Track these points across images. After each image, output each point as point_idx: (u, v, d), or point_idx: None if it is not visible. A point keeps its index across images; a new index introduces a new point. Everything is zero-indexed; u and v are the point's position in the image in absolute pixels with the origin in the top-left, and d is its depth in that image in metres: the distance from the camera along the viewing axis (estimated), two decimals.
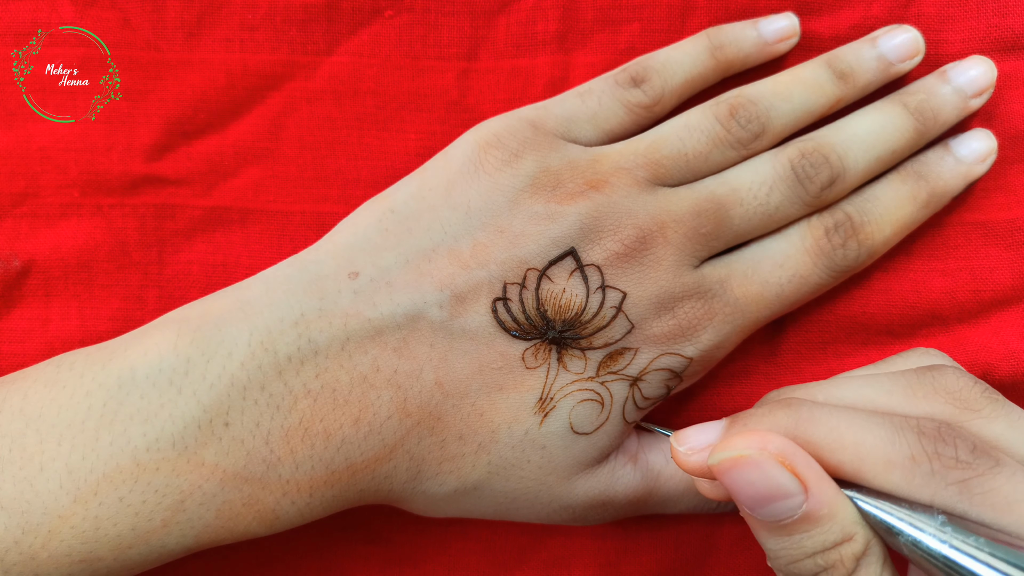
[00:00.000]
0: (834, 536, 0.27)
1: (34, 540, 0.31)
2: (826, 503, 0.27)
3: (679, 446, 0.31)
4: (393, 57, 0.41)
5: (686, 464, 0.31)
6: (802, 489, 0.27)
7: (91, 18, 0.41)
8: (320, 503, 0.34)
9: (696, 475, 0.31)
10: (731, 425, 0.31)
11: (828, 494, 0.27)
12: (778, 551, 0.28)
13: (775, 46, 0.40)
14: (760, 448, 0.27)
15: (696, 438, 0.31)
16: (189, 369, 0.32)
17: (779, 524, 0.28)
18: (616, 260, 0.35)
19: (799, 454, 0.27)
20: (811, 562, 0.27)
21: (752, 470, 0.27)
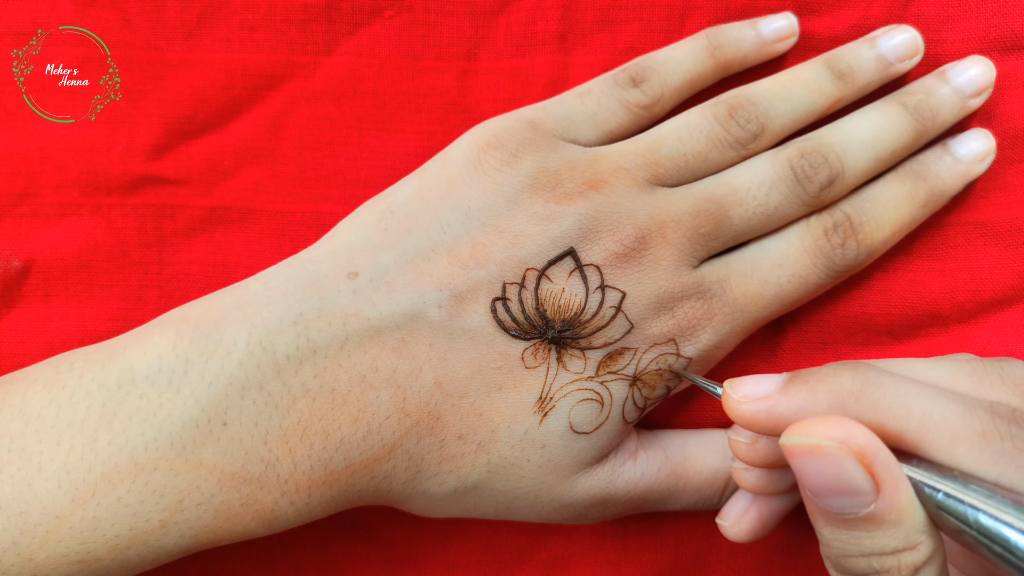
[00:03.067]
0: (895, 542, 0.26)
1: (32, 541, 0.31)
2: (896, 508, 0.26)
3: (733, 392, 0.30)
4: (393, 57, 0.41)
5: (739, 411, 0.30)
6: (874, 489, 0.26)
7: (91, 18, 0.41)
8: (319, 503, 0.34)
9: (746, 425, 0.30)
10: (791, 381, 0.29)
11: (901, 499, 0.26)
12: (832, 541, 0.27)
13: (774, 46, 0.40)
14: (842, 442, 0.26)
15: (752, 387, 0.30)
16: (188, 369, 0.32)
17: (842, 517, 0.27)
18: (615, 260, 0.35)
19: (880, 454, 0.26)
20: (864, 562, 0.27)
21: (827, 462, 0.26)
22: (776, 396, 0.29)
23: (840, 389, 0.28)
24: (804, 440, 0.27)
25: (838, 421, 0.26)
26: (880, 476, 0.26)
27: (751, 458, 0.33)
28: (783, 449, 0.27)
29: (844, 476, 0.26)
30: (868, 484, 0.26)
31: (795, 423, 0.27)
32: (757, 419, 0.30)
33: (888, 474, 0.26)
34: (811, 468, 0.27)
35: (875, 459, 0.26)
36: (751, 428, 0.30)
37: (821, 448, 0.26)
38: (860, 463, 0.26)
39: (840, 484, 0.26)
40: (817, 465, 0.26)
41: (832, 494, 0.26)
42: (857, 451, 0.26)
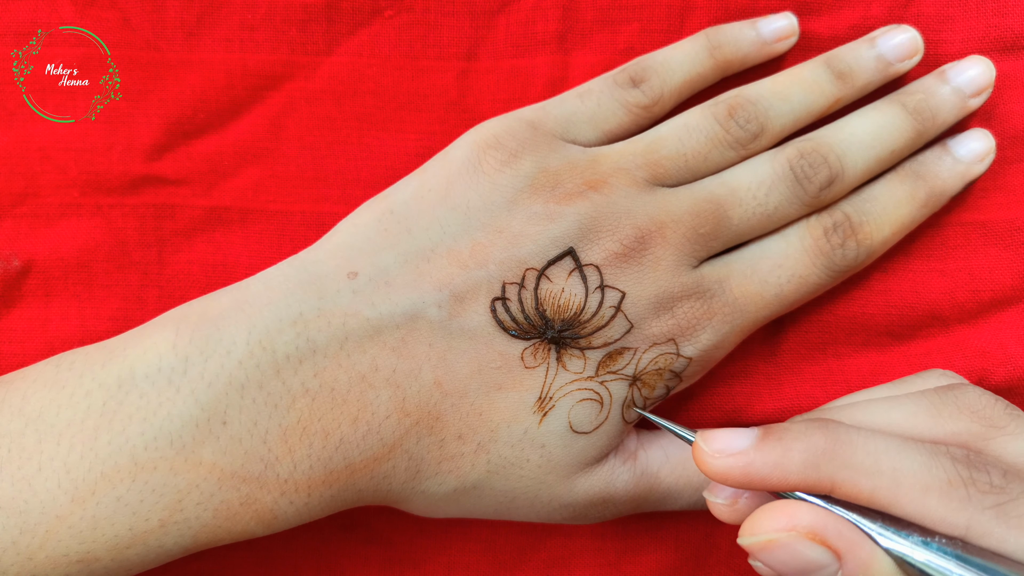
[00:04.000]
0: None
1: (32, 540, 0.31)
2: (862, 567, 0.27)
3: (706, 446, 0.30)
4: (393, 57, 0.41)
5: (714, 466, 0.30)
6: (835, 559, 0.27)
7: (91, 18, 0.41)
8: (319, 503, 0.34)
9: (717, 479, 0.30)
10: (765, 438, 0.30)
11: (863, 558, 0.27)
12: None
13: (774, 46, 0.40)
14: (789, 529, 0.28)
15: (725, 442, 0.30)
16: (187, 368, 0.32)
17: None
18: (615, 260, 0.35)
19: (830, 525, 0.28)
20: None
21: (783, 551, 0.28)
22: (752, 453, 0.30)
23: (813, 448, 0.29)
24: (757, 539, 0.28)
25: (780, 509, 0.28)
26: (836, 545, 0.27)
27: (734, 518, 0.32)
28: (746, 549, 0.29)
29: (802, 558, 0.28)
30: (828, 556, 0.27)
31: (745, 521, 0.29)
32: (732, 475, 0.30)
33: (842, 540, 0.27)
34: (773, 560, 0.28)
35: (825, 532, 0.27)
36: (725, 483, 0.30)
37: (773, 542, 0.28)
38: (813, 541, 0.27)
39: (803, 565, 0.28)
40: (777, 556, 0.28)
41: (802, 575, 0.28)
42: (806, 531, 0.27)
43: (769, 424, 0.31)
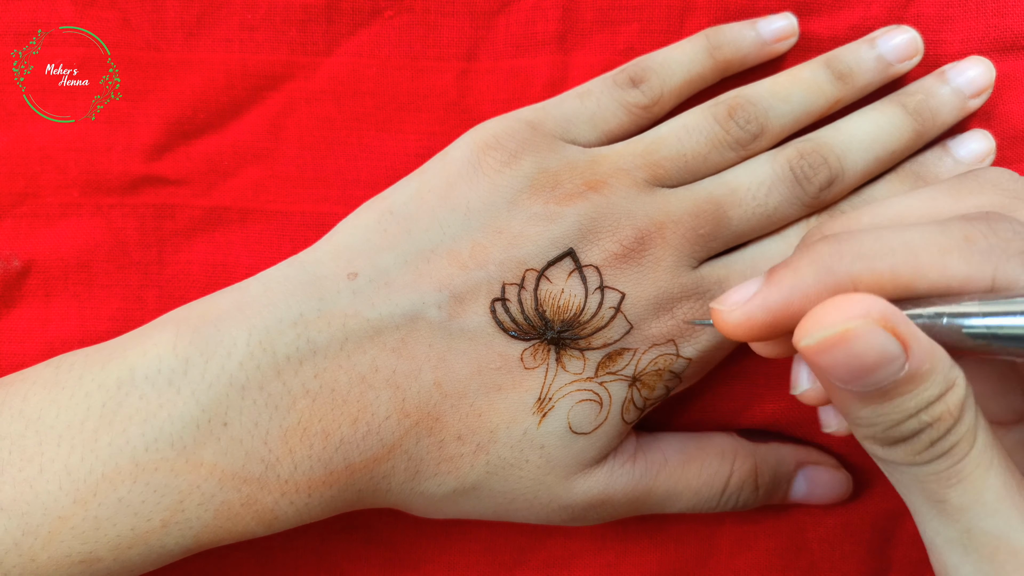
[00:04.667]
0: (938, 389, 0.25)
1: (34, 542, 0.31)
2: (927, 358, 0.25)
3: (721, 305, 0.29)
4: (393, 58, 0.41)
5: (733, 319, 0.28)
6: (903, 350, 0.25)
7: (91, 18, 0.41)
8: (319, 504, 0.34)
9: (744, 332, 0.28)
10: (772, 272, 0.28)
11: (927, 347, 0.25)
12: (875, 418, 0.26)
13: (773, 46, 0.40)
14: (864, 315, 0.24)
15: (736, 294, 0.28)
16: (188, 369, 0.32)
17: (880, 391, 0.25)
18: (614, 261, 0.35)
19: (896, 312, 0.25)
20: (915, 421, 0.26)
21: (858, 343, 0.24)
22: (764, 289, 0.28)
23: (820, 256, 0.27)
24: (826, 332, 0.25)
25: (846, 300, 0.25)
26: (904, 335, 0.25)
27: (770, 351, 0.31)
28: (804, 352, 0.25)
29: (876, 350, 0.25)
30: (898, 348, 0.25)
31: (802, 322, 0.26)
32: (754, 318, 0.28)
33: (909, 329, 0.25)
34: (840, 357, 0.25)
35: (895, 319, 0.25)
36: (750, 333, 0.28)
37: (850, 332, 0.25)
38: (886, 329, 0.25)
39: (874, 360, 0.25)
40: (847, 351, 0.25)
41: (867, 374, 0.25)
42: (880, 320, 0.25)
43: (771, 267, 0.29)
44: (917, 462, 0.26)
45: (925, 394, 0.25)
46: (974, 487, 0.26)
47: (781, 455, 0.40)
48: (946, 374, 0.25)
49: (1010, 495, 0.26)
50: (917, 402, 0.25)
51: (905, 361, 0.25)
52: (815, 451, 0.41)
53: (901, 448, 0.26)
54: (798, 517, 0.42)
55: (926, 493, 0.27)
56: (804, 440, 0.42)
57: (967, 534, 0.26)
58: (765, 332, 0.28)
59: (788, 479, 0.40)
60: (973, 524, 0.26)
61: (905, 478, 0.27)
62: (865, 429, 0.27)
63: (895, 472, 0.28)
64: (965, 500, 0.26)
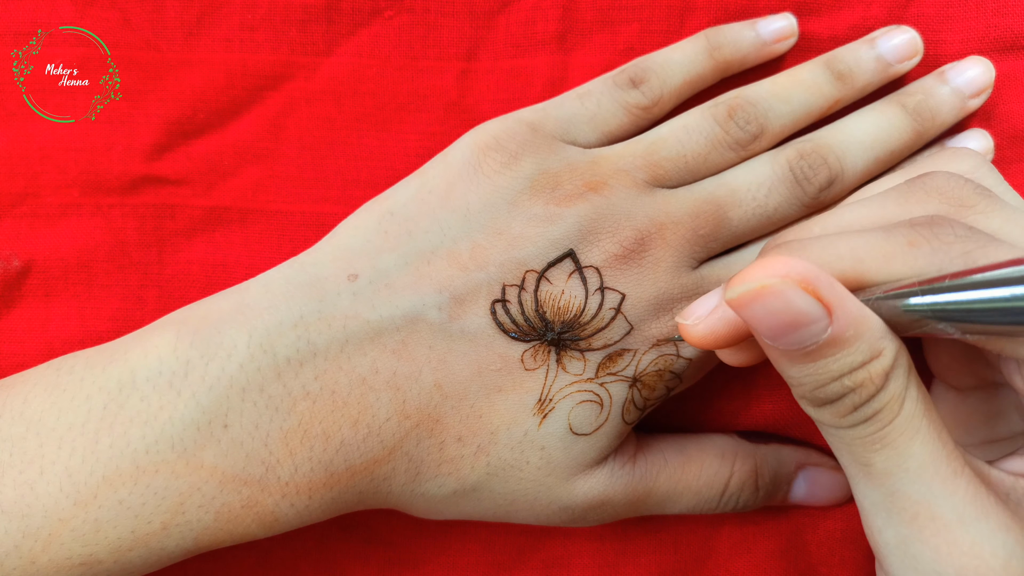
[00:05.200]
0: (861, 356, 0.26)
1: (34, 544, 0.31)
2: (851, 324, 0.26)
3: (684, 320, 0.31)
4: (393, 58, 0.41)
5: (698, 332, 0.30)
6: (826, 313, 0.26)
7: (91, 18, 0.41)
8: (319, 505, 0.34)
9: (711, 341, 0.30)
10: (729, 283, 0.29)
11: (852, 314, 0.26)
12: (802, 378, 0.27)
13: (773, 46, 0.40)
14: (783, 275, 0.26)
15: (698, 308, 0.31)
16: (188, 371, 0.32)
17: (803, 351, 0.27)
18: (615, 262, 0.35)
19: (822, 277, 0.26)
20: (838, 384, 0.27)
21: (774, 299, 0.26)
22: (723, 304, 0.30)
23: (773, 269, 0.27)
24: (747, 286, 0.26)
25: (773, 260, 0.26)
26: (827, 298, 0.26)
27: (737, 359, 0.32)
28: (730, 304, 0.27)
29: (794, 309, 0.26)
30: (819, 309, 0.26)
31: (734, 277, 0.27)
32: (717, 329, 0.30)
33: (834, 293, 0.26)
34: (761, 312, 0.26)
35: (817, 283, 0.26)
36: (715, 343, 0.30)
37: (767, 288, 0.26)
38: (806, 292, 0.26)
39: (793, 318, 0.26)
40: (766, 307, 0.26)
41: (788, 331, 0.26)
42: (800, 280, 0.26)
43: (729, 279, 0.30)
44: (843, 425, 0.28)
45: (848, 359, 0.26)
46: (897, 453, 0.27)
47: (781, 456, 0.40)
48: (872, 343, 0.27)
49: (935, 463, 0.27)
50: (840, 366, 0.27)
51: (828, 324, 0.26)
52: (816, 452, 0.41)
53: (828, 410, 0.28)
54: (797, 519, 0.42)
55: (853, 455, 0.28)
56: (804, 441, 0.42)
57: (890, 498, 0.28)
58: (729, 340, 0.30)
59: (788, 480, 0.40)
60: (896, 488, 0.27)
61: (835, 440, 0.29)
62: (796, 388, 0.28)
63: (827, 433, 0.29)
64: (889, 465, 0.27)
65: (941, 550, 0.27)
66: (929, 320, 0.26)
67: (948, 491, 0.27)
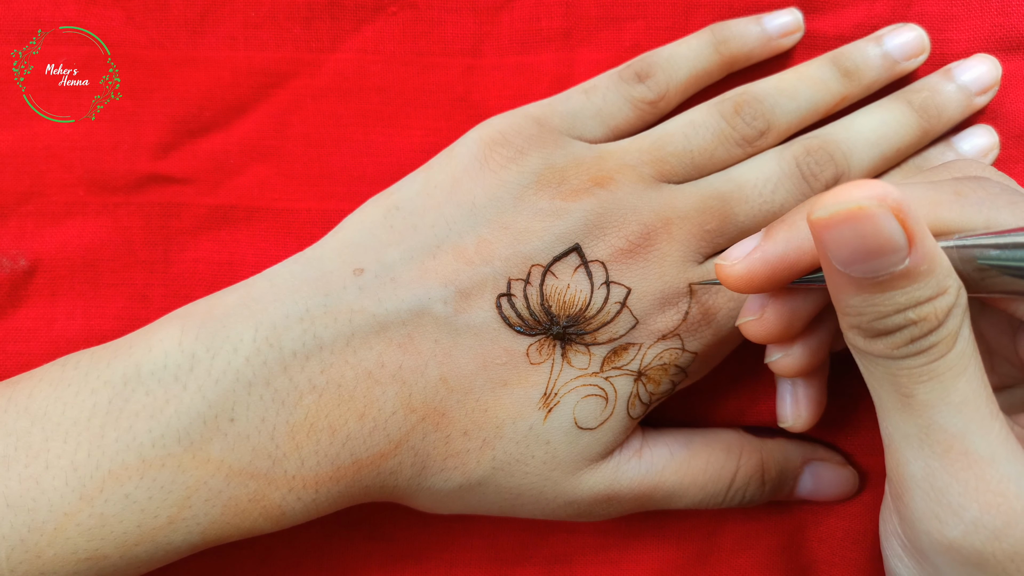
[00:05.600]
0: (929, 291, 0.26)
1: (40, 538, 0.31)
2: (928, 258, 0.26)
3: (724, 261, 0.31)
4: (398, 54, 0.41)
5: (737, 272, 0.31)
6: (908, 243, 0.25)
7: (94, 16, 0.41)
8: (326, 499, 0.34)
9: (747, 284, 0.31)
10: (769, 229, 0.31)
11: (929, 249, 0.26)
12: (864, 308, 0.27)
13: (779, 41, 0.40)
14: (881, 198, 0.25)
15: (737, 250, 0.31)
16: (194, 365, 0.32)
17: (875, 280, 0.26)
18: (620, 256, 0.35)
19: (912, 206, 0.25)
20: (901, 317, 0.27)
21: (867, 222, 0.25)
22: (763, 243, 0.30)
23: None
24: (842, 205, 0.25)
25: (866, 183, 0.26)
26: (912, 229, 0.25)
27: (764, 331, 0.33)
28: (815, 224, 0.26)
29: (883, 234, 0.25)
30: (904, 239, 0.25)
31: (817, 197, 0.26)
32: (754, 269, 0.30)
33: (919, 225, 0.26)
34: (848, 235, 0.26)
35: (908, 212, 0.25)
36: (751, 285, 0.31)
37: (862, 210, 0.25)
38: (896, 218, 0.25)
39: (878, 244, 0.25)
40: (856, 229, 0.25)
41: (869, 257, 0.26)
42: (894, 206, 0.25)
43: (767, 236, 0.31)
44: (894, 356, 0.28)
45: (917, 293, 0.26)
46: (942, 386, 0.27)
47: (787, 451, 0.40)
48: (941, 280, 0.27)
49: (976, 401, 0.28)
50: (908, 299, 0.26)
51: (907, 256, 0.26)
52: (822, 448, 0.41)
53: (882, 341, 0.28)
54: (800, 516, 0.42)
55: (896, 386, 0.28)
56: (810, 436, 0.42)
57: (926, 429, 0.28)
58: (766, 283, 0.31)
59: (794, 475, 0.40)
60: (934, 420, 0.28)
61: (879, 371, 0.28)
62: (852, 318, 0.28)
63: (870, 364, 0.29)
64: (931, 397, 0.27)
65: (969, 484, 0.27)
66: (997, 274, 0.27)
67: (984, 429, 0.27)
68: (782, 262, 0.30)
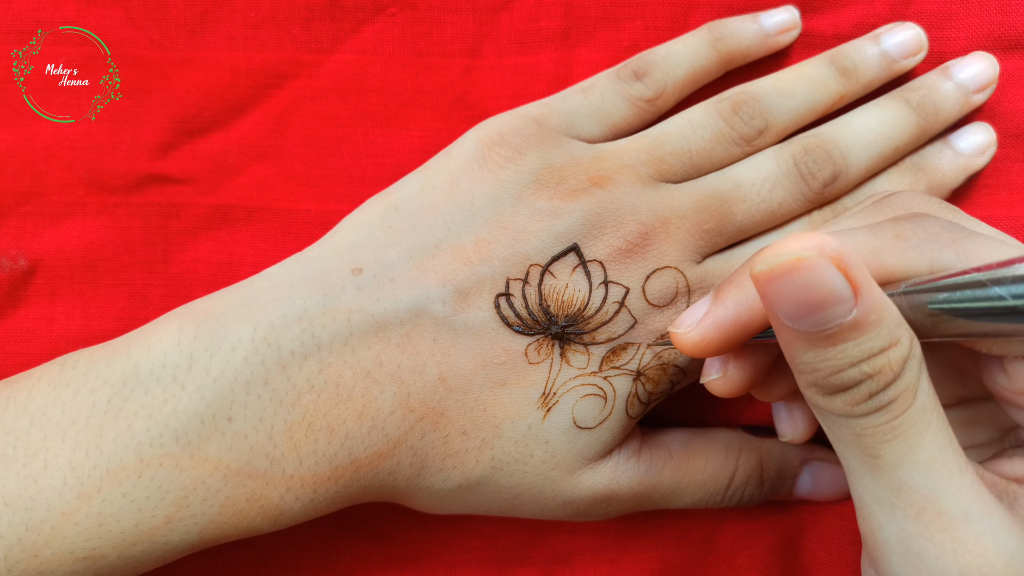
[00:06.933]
0: (881, 342, 0.26)
1: (37, 537, 0.31)
2: (874, 308, 0.25)
3: (678, 329, 0.31)
4: (397, 54, 0.41)
5: (690, 339, 0.30)
6: (853, 295, 0.25)
7: (94, 16, 0.41)
8: (324, 499, 0.34)
9: (702, 348, 0.30)
10: (717, 291, 0.30)
11: (876, 298, 0.26)
12: (817, 363, 0.27)
13: (776, 38, 0.40)
14: (819, 249, 0.25)
15: (688, 316, 0.31)
16: (192, 365, 0.32)
17: (824, 334, 0.26)
18: (619, 256, 0.35)
19: (852, 255, 0.25)
20: (855, 371, 0.26)
21: (808, 274, 0.25)
22: (713, 307, 0.30)
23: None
24: (781, 258, 0.25)
25: (807, 235, 0.25)
26: (856, 278, 0.25)
27: (730, 387, 0.32)
28: (757, 279, 0.26)
29: (825, 285, 0.25)
30: (848, 290, 0.25)
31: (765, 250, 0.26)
32: (708, 335, 0.30)
33: (862, 275, 0.25)
34: (790, 287, 0.25)
35: (850, 262, 0.25)
36: (707, 350, 0.30)
37: (801, 260, 0.25)
38: (838, 268, 0.25)
39: (822, 296, 0.25)
40: (797, 281, 0.25)
41: (814, 310, 0.25)
42: (834, 256, 0.25)
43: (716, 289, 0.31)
44: (855, 414, 0.27)
45: (868, 344, 0.26)
46: (908, 444, 0.27)
47: (786, 450, 0.40)
48: (892, 330, 0.26)
49: (943, 457, 0.27)
50: (860, 351, 0.26)
51: (853, 307, 0.25)
52: (820, 447, 0.41)
53: (840, 398, 0.27)
54: (799, 516, 0.42)
55: (861, 447, 0.27)
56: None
57: (897, 491, 0.27)
58: (722, 347, 0.30)
59: (793, 475, 0.40)
60: (904, 481, 0.27)
61: (843, 431, 0.28)
62: (807, 376, 0.27)
63: (833, 425, 0.28)
64: (898, 456, 0.27)
65: (946, 547, 0.27)
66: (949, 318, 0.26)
67: (955, 486, 0.27)
68: (735, 324, 0.30)
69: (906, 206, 0.32)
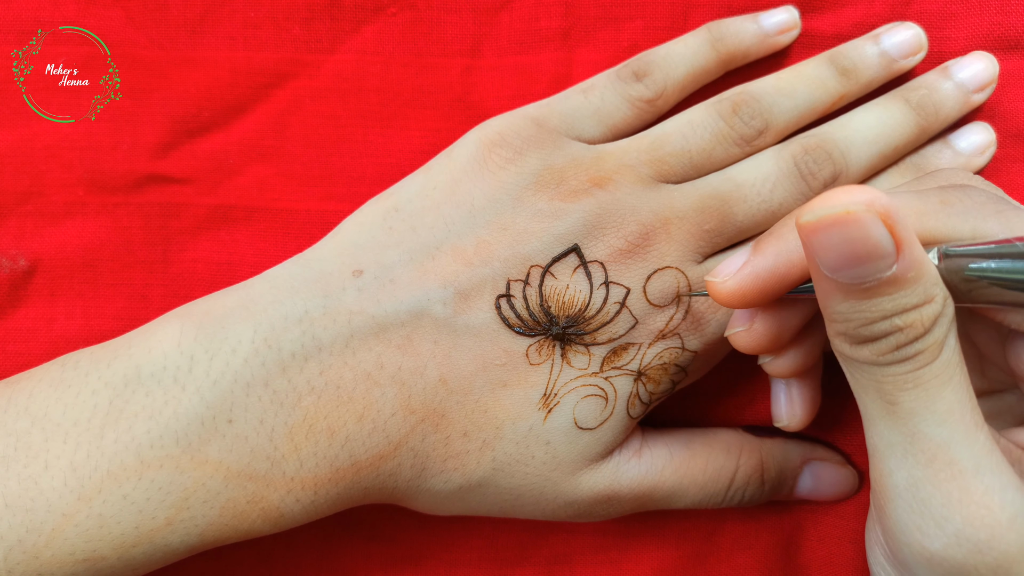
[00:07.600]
0: (916, 298, 0.26)
1: (38, 539, 0.31)
2: (915, 265, 0.26)
3: (714, 278, 0.31)
4: (397, 54, 0.41)
5: (727, 288, 0.31)
6: (895, 249, 0.26)
7: (94, 16, 0.41)
8: (325, 501, 0.34)
9: (738, 299, 0.31)
10: (757, 243, 0.31)
11: (916, 256, 0.26)
12: (850, 314, 0.27)
13: (776, 38, 0.40)
14: (868, 204, 0.25)
15: (726, 266, 0.31)
16: (193, 366, 0.32)
17: (862, 286, 0.26)
18: (619, 256, 0.35)
19: (900, 212, 0.25)
20: (887, 323, 0.27)
21: (854, 227, 0.25)
22: (752, 258, 0.31)
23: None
24: (830, 210, 0.25)
25: (855, 188, 0.26)
26: (900, 235, 0.25)
27: (753, 342, 0.33)
28: (804, 228, 0.26)
29: (871, 240, 0.25)
30: (891, 246, 0.25)
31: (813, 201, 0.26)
32: (745, 285, 0.31)
33: (907, 232, 0.26)
34: (836, 239, 0.26)
35: (896, 218, 0.25)
36: (743, 300, 0.31)
37: (851, 214, 0.25)
38: (884, 224, 0.25)
39: (866, 250, 0.25)
40: (843, 234, 0.25)
41: (857, 263, 0.26)
42: (882, 212, 0.25)
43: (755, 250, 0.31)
44: (880, 363, 0.28)
45: (903, 300, 0.26)
46: (927, 395, 0.27)
47: (787, 450, 0.40)
48: (928, 288, 0.27)
49: (961, 410, 0.27)
50: (894, 305, 0.26)
51: (894, 262, 0.26)
52: (821, 447, 0.41)
53: (868, 347, 0.28)
54: (799, 516, 0.42)
55: (881, 394, 0.28)
56: (810, 436, 0.42)
57: (910, 438, 0.28)
58: (757, 298, 0.31)
59: (794, 475, 0.40)
60: (919, 428, 0.27)
61: (864, 378, 0.28)
62: (839, 325, 0.28)
63: (856, 372, 0.29)
64: (916, 405, 0.27)
65: (952, 495, 0.27)
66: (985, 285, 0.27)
67: (969, 439, 0.27)
68: (772, 275, 0.30)
69: (951, 179, 0.32)
